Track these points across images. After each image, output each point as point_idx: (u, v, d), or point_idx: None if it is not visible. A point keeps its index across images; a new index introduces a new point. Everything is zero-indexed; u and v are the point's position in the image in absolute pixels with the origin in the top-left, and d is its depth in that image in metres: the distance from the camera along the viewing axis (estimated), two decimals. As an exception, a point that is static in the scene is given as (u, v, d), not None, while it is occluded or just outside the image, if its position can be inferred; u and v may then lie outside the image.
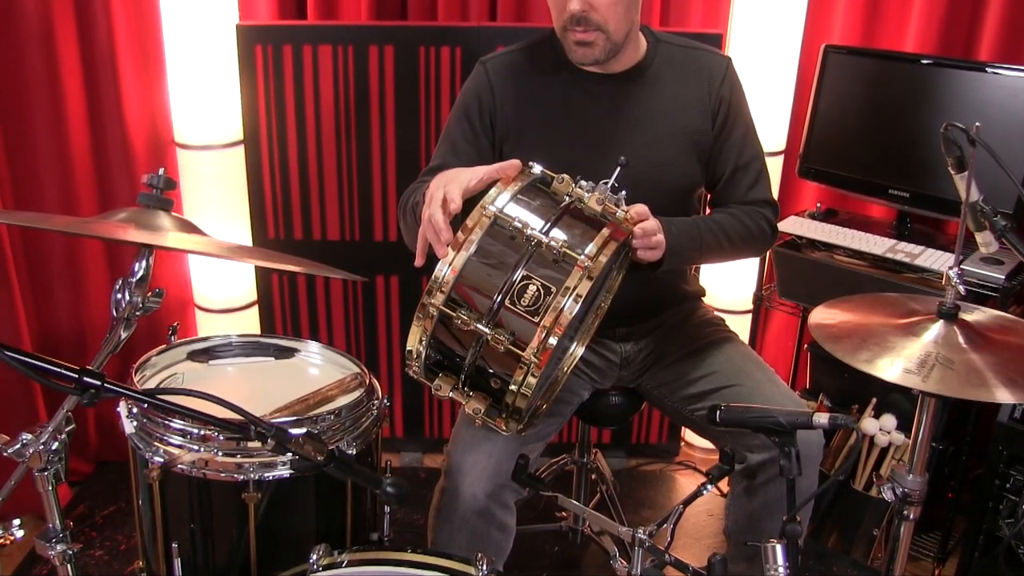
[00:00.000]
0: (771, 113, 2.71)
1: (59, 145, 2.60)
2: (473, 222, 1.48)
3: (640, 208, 1.63)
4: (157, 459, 1.61)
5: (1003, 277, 2.27)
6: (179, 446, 1.61)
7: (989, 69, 2.40)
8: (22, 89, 2.52)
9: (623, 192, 1.60)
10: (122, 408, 1.71)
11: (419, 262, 1.56)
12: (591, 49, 1.81)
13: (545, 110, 1.91)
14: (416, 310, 1.48)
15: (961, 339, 1.42)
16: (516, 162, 1.57)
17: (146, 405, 1.63)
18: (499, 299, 1.45)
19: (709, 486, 1.56)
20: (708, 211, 2.05)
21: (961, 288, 1.45)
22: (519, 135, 1.92)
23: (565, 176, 1.58)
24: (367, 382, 1.83)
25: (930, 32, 2.62)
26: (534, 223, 1.49)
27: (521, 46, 1.98)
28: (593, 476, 2.50)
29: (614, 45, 1.82)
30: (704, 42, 2.03)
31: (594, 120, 1.91)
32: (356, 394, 1.76)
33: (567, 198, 1.56)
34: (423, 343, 1.51)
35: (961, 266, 1.47)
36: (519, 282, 1.45)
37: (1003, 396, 1.32)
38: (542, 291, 1.44)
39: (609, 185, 1.59)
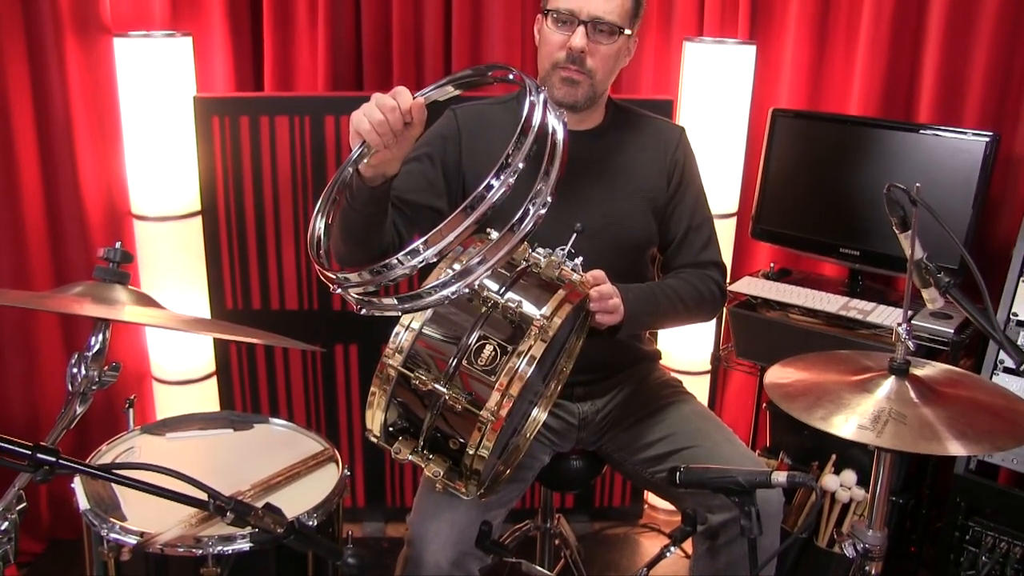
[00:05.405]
0: (723, 176, 2.76)
1: (13, 217, 2.58)
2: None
3: (596, 272, 1.67)
4: (114, 536, 1.57)
5: (952, 331, 2.32)
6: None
7: (928, 131, 2.48)
8: (-25, 161, 2.50)
9: (579, 258, 1.63)
10: (76, 484, 1.68)
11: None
12: (576, 89, 1.86)
13: None
14: (375, 372, 1.49)
15: (913, 394, 1.44)
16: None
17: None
18: (456, 359, 1.47)
19: (672, 548, 1.56)
20: (660, 277, 2.08)
21: (911, 344, 1.48)
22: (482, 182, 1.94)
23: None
24: (332, 455, 1.83)
25: (872, 95, 2.71)
26: (491, 286, 1.51)
27: (491, 101, 2.02)
28: (557, 541, 2.47)
29: (594, 94, 1.88)
30: (654, 108, 2.10)
31: None
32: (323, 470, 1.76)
33: (524, 263, 1.58)
34: (382, 406, 1.51)
35: (911, 322, 1.51)
36: (476, 343, 1.47)
37: (955, 449, 1.34)
38: (498, 351, 1.46)
39: (565, 252, 1.62)
